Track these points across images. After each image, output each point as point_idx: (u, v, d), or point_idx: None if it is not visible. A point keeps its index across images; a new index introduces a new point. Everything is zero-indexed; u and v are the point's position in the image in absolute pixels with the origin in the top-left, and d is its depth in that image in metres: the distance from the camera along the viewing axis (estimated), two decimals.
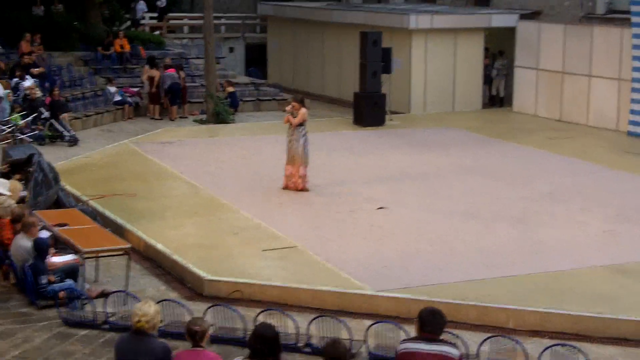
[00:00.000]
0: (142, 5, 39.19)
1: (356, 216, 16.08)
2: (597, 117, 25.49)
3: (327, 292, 12.38)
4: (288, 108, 17.88)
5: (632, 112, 24.22)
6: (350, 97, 27.08)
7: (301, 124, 17.51)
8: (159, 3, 39.31)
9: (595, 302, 11.94)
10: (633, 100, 24.20)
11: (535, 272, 13.20)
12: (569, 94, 26.29)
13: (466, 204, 16.99)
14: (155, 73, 27.66)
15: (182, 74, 28.57)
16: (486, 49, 29.09)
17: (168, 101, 27.79)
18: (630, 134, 24.16)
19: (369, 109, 25.31)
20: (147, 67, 28.23)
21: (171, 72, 27.75)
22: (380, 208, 16.54)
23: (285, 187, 17.82)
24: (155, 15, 39.79)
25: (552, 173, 19.68)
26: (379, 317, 11.36)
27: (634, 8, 23.91)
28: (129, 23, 37.79)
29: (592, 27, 25.80)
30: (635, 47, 23.92)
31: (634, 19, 23.91)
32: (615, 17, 26.21)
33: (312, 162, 18.00)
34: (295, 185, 17.71)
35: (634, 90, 24.17)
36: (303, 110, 17.60)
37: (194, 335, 7.66)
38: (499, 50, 29.35)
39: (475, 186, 18.44)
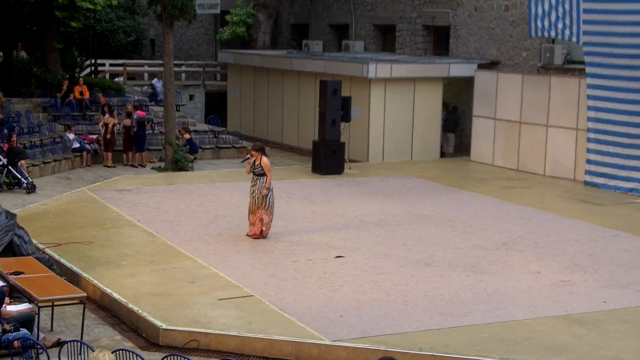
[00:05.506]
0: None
1: (313, 264, 16.09)
2: (554, 167, 25.80)
3: (284, 341, 12.35)
4: (247, 157, 17.82)
5: (589, 162, 24.55)
6: (309, 145, 27.18)
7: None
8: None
9: (550, 353, 12.01)
10: (589, 150, 24.54)
11: (490, 321, 13.27)
12: (526, 144, 26.60)
13: (421, 252, 17.08)
14: (110, 120, 27.58)
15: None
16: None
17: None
18: (587, 183, 24.45)
19: (328, 157, 25.43)
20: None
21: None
22: (338, 257, 16.59)
23: (253, 235, 17.79)
24: (114, 62, 39.77)
25: (507, 222, 19.84)
26: None
27: (587, 59, 24.32)
28: (88, 70, 37.74)
29: (550, 77, 26.20)
30: (590, 97, 24.29)
31: (589, 70, 24.31)
32: (573, 67, 26.58)
33: None
34: (258, 233, 17.71)
35: (589, 140, 24.52)
36: (265, 160, 17.58)
37: None
38: (444, 103, 29.49)
39: (431, 234, 18.55)
